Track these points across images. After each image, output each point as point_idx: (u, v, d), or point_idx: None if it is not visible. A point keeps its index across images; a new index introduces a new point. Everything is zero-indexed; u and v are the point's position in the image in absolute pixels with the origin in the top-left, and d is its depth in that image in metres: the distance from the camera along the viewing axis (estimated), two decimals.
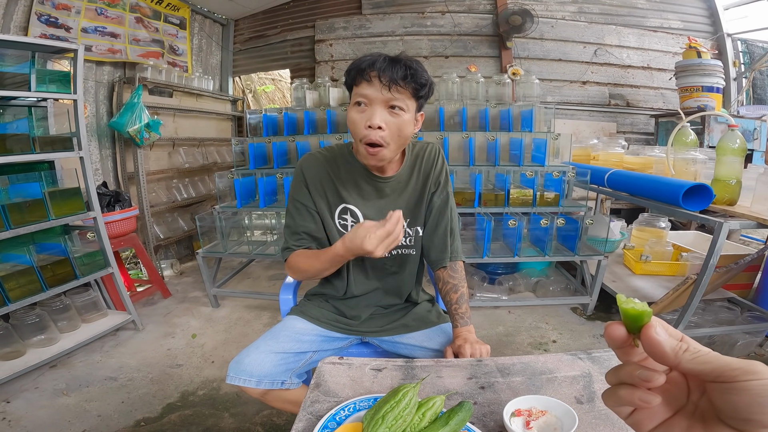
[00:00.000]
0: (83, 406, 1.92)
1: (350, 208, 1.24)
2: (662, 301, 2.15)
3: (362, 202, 1.24)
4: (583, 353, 1.04)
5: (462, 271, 1.32)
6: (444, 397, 0.76)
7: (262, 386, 1.13)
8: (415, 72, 1.06)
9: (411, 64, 1.06)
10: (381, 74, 1.03)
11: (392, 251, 1.29)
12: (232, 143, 3.12)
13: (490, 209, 2.73)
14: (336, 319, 1.35)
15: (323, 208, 1.25)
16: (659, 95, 4.59)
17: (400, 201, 1.26)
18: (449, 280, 1.28)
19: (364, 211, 1.24)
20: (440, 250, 1.30)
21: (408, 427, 0.70)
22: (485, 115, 2.95)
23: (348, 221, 1.26)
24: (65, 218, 2.22)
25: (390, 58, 1.05)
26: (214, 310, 2.96)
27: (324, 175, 1.24)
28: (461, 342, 1.13)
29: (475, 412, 0.80)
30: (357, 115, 1.08)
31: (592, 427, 0.75)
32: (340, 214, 1.25)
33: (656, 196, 2.16)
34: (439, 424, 0.70)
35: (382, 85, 1.03)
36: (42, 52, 2.13)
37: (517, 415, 0.76)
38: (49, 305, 2.33)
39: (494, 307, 2.88)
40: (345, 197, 1.23)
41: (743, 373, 0.32)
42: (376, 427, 0.67)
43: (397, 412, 0.69)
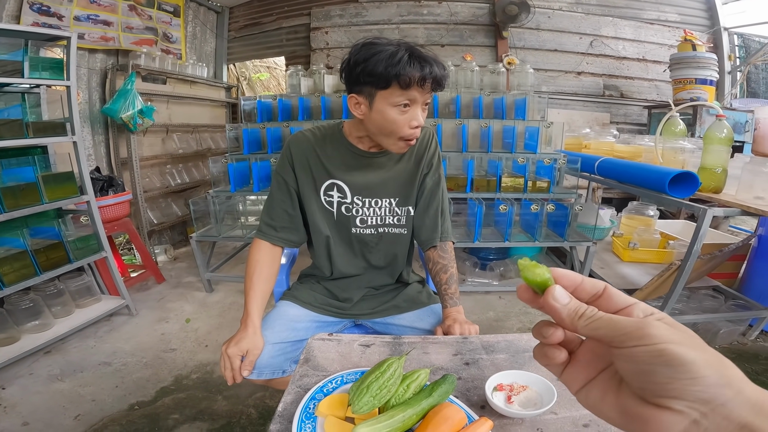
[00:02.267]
0: (77, 392, 1.94)
1: (337, 183, 1.26)
2: (647, 287, 2.19)
3: (349, 177, 1.26)
4: None
5: (452, 252, 1.34)
6: (429, 370, 0.79)
7: (263, 377, 1.15)
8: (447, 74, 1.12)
9: (445, 67, 1.12)
10: (434, 82, 1.08)
11: (379, 229, 1.32)
12: (226, 129, 3.12)
13: (482, 194, 2.77)
14: (328, 303, 1.37)
15: (307, 185, 1.26)
16: (653, 87, 4.61)
17: (387, 176, 1.27)
18: (439, 260, 1.31)
19: (351, 184, 1.26)
20: (431, 230, 1.32)
21: (392, 397, 0.73)
22: (479, 103, 2.97)
23: (334, 197, 1.27)
24: (59, 202, 2.22)
25: (436, 65, 1.08)
26: (208, 295, 2.98)
27: (311, 152, 1.25)
28: (451, 322, 1.15)
29: (458, 386, 0.83)
30: (400, 116, 1.10)
31: (570, 403, 0.78)
32: (326, 190, 1.26)
33: (644, 183, 2.19)
34: (423, 395, 0.73)
35: (429, 89, 1.09)
36: (35, 39, 2.13)
37: (499, 389, 0.79)
38: (43, 290, 2.33)
39: (485, 292, 2.92)
40: (332, 173, 1.25)
41: (629, 338, 0.31)
42: (361, 395, 0.70)
43: (381, 382, 0.71)
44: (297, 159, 1.26)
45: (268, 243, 1.28)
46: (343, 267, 1.35)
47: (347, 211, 1.28)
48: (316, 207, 1.28)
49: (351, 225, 1.30)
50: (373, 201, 1.28)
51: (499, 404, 0.74)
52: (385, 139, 1.15)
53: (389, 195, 1.29)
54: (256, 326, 1.14)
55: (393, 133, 1.12)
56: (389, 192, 1.28)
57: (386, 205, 1.29)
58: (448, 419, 0.67)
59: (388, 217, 1.31)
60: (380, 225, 1.31)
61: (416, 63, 1.03)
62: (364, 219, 1.29)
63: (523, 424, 0.74)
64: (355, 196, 1.27)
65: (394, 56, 1.03)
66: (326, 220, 1.30)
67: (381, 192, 1.28)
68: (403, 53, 1.03)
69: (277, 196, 1.28)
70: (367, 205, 1.28)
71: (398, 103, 1.08)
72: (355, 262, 1.36)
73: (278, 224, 1.28)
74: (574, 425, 0.73)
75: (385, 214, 1.30)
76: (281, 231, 1.28)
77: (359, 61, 1.06)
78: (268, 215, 1.29)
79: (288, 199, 1.28)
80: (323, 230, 1.30)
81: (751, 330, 2.38)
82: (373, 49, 1.05)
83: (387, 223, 1.31)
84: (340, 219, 1.29)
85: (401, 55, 1.03)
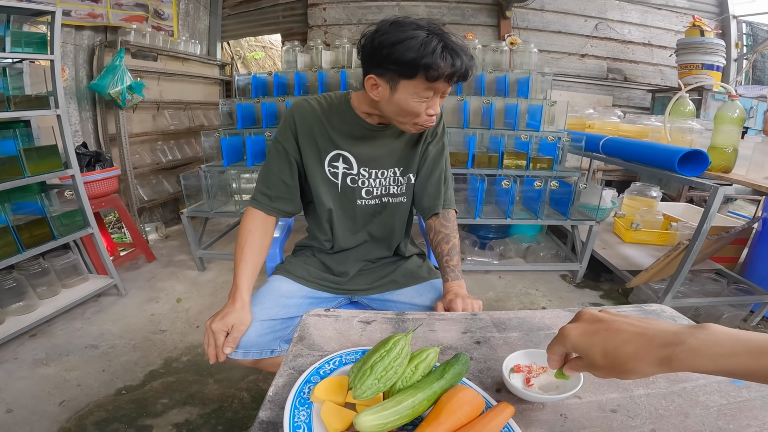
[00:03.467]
0: (63, 376, 1.86)
1: (343, 154, 1.19)
2: (652, 268, 2.14)
3: (355, 148, 1.19)
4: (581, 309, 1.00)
5: (454, 221, 1.28)
6: (438, 349, 0.71)
7: (250, 357, 1.08)
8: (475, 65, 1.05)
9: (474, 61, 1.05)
10: (462, 76, 1.01)
11: (383, 199, 1.27)
12: (219, 104, 3.01)
13: (484, 170, 2.70)
14: (323, 277, 1.31)
15: (310, 155, 1.19)
16: (658, 71, 4.54)
17: (392, 146, 1.22)
18: (441, 229, 1.25)
19: (358, 156, 1.20)
20: (433, 197, 1.27)
21: (399, 379, 0.65)
22: (481, 81, 2.88)
23: (339, 168, 1.21)
24: (42, 176, 2.11)
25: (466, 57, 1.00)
26: (200, 274, 2.90)
27: (316, 121, 1.18)
28: (452, 297, 1.08)
29: (470, 367, 0.76)
30: (419, 105, 1.03)
31: (596, 387, 0.72)
32: (331, 161, 1.20)
33: (651, 162, 2.13)
34: (434, 377, 0.65)
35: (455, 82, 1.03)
36: (18, 14, 2.04)
37: (517, 371, 0.72)
38: (27, 269, 2.23)
39: (485, 271, 2.87)
40: (338, 143, 1.18)
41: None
42: (364, 378, 0.62)
43: (387, 363, 0.63)
44: (301, 128, 1.18)
45: (262, 213, 1.20)
46: (343, 240, 1.29)
47: (353, 182, 1.22)
48: (320, 179, 1.21)
49: (356, 197, 1.24)
50: (380, 172, 1.23)
51: (518, 387, 0.67)
52: (399, 121, 1.10)
53: (393, 165, 1.24)
54: (244, 300, 1.07)
55: (408, 118, 1.07)
56: (394, 161, 1.23)
57: (391, 174, 1.24)
58: (464, 404, 0.59)
59: (392, 186, 1.26)
60: (384, 195, 1.26)
61: (448, 55, 0.96)
62: (370, 190, 1.24)
63: (545, 409, 0.67)
64: (362, 168, 1.21)
65: (426, 45, 0.94)
66: (330, 193, 1.23)
67: (387, 162, 1.23)
68: (437, 43, 0.95)
69: (276, 165, 1.21)
70: (373, 177, 1.22)
71: (422, 94, 1.01)
72: (357, 234, 1.29)
73: (274, 194, 1.20)
74: (601, 410, 0.66)
75: (390, 183, 1.25)
76: (276, 201, 1.21)
77: (385, 43, 0.96)
78: (264, 184, 1.21)
79: (287, 168, 1.20)
80: (326, 202, 1.23)
81: (752, 316, 2.35)
82: (402, 32, 0.96)
83: (391, 192, 1.26)
84: (345, 190, 1.23)
85: (434, 45, 0.94)
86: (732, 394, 0.70)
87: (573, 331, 0.56)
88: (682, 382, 0.73)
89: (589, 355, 0.54)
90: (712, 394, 0.70)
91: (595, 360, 0.53)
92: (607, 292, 2.66)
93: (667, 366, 0.47)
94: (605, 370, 0.52)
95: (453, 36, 0.99)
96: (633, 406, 0.67)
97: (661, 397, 0.69)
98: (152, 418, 1.62)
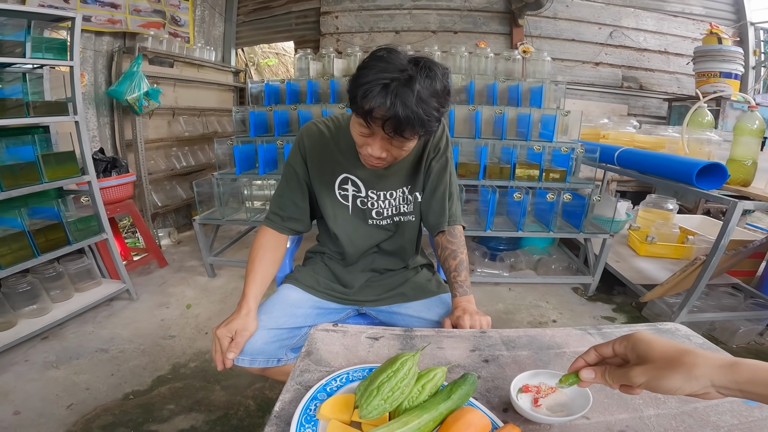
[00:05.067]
0: (72, 379, 1.88)
1: (351, 177, 1.21)
2: (668, 282, 2.10)
3: (362, 171, 1.20)
4: (592, 328, 0.99)
5: (461, 237, 1.26)
6: (445, 368, 0.70)
7: (257, 365, 1.09)
8: (428, 125, 0.93)
9: (424, 119, 0.91)
10: (385, 127, 0.92)
11: (395, 218, 1.27)
12: (233, 111, 3.03)
13: (495, 182, 2.67)
14: (331, 287, 1.31)
15: (320, 178, 1.22)
16: (674, 80, 4.47)
17: (398, 166, 1.21)
18: (447, 245, 1.23)
19: (365, 179, 1.21)
20: (438, 213, 1.25)
21: (406, 399, 0.65)
22: (493, 90, 2.86)
23: (349, 191, 1.22)
24: (59, 182, 2.15)
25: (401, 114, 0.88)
26: (210, 280, 2.92)
27: (324, 145, 1.20)
28: (460, 313, 1.07)
29: (478, 386, 0.74)
30: (360, 138, 1.01)
31: (604, 407, 0.70)
32: (341, 184, 1.22)
33: (668, 174, 2.09)
34: (441, 397, 0.65)
35: (392, 130, 0.93)
36: (39, 20, 2.07)
37: (525, 391, 0.71)
38: (42, 273, 2.26)
39: (495, 283, 2.84)
40: (346, 167, 1.20)
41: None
42: (371, 398, 0.61)
43: (394, 383, 0.63)
44: (310, 151, 1.21)
45: (274, 231, 1.24)
46: (353, 254, 1.30)
47: (362, 204, 1.24)
48: (330, 202, 1.24)
49: (367, 217, 1.25)
50: (388, 193, 1.23)
51: (526, 408, 0.66)
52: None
53: (401, 184, 1.24)
54: (250, 308, 1.08)
55: (358, 148, 1.06)
56: (401, 181, 1.23)
57: (400, 194, 1.24)
58: (470, 426, 0.59)
59: (402, 205, 1.26)
60: (395, 214, 1.27)
61: (384, 97, 0.87)
62: (380, 211, 1.25)
63: (552, 430, 0.65)
64: (370, 191, 1.22)
65: (370, 78, 0.89)
66: (341, 215, 1.25)
67: (394, 183, 1.23)
68: (384, 81, 0.88)
69: (287, 187, 1.24)
70: (381, 198, 1.23)
71: (359, 129, 0.99)
72: (368, 250, 1.31)
73: (286, 214, 1.24)
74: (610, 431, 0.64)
75: (399, 203, 1.25)
76: (288, 221, 1.25)
77: (357, 68, 0.95)
78: (277, 204, 1.25)
79: (298, 190, 1.24)
80: (337, 223, 1.26)
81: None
82: (377, 60, 0.92)
83: (402, 211, 1.27)
84: (356, 212, 1.25)
85: (378, 82, 0.88)
86: (744, 414, 0.68)
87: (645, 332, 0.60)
88: (693, 402, 0.71)
89: (650, 348, 0.56)
90: (724, 414, 0.69)
91: (652, 354, 0.56)
92: (619, 306, 2.61)
93: (733, 369, 0.51)
94: (655, 369, 0.54)
95: (424, 84, 0.89)
96: (642, 427, 0.66)
97: (671, 418, 0.68)
98: (158, 424, 1.63)
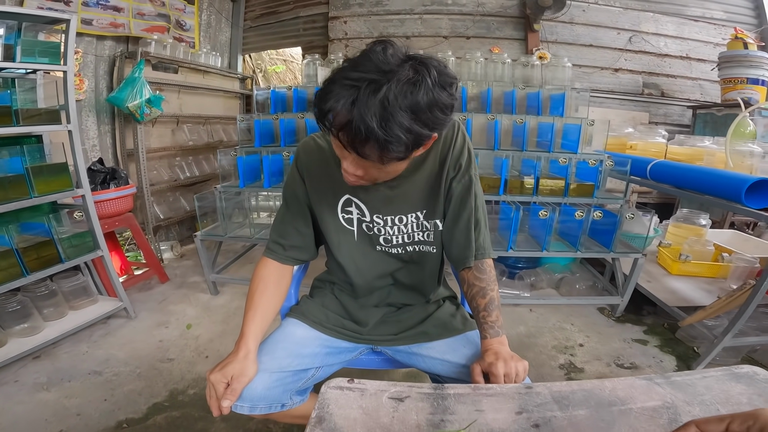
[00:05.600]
0: (63, 403, 1.75)
1: (354, 200, 1.04)
2: (712, 307, 1.94)
3: (365, 193, 1.03)
4: (659, 377, 0.82)
5: (491, 271, 1.07)
6: None
7: (257, 411, 0.95)
8: (387, 147, 0.73)
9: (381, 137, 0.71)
10: (340, 137, 0.77)
11: (408, 248, 1.09)
12: (237, 120, 2.90)
13: (516, 197, 2.48)
14: (342, 324, 1.15)
15: (321, 200, 1.06)
16: (697, 86, 4.30)
17: (409, 186, 1.03)
18: (475, 282, 1.05)
19: (369, 201, 1.04)
20: (463, 246, 1.06)
21: None
22: (512, 98, 2.70)
23: (354, 214, 1.06)
24: (49, 196, 2.01)
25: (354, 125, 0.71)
26: (212, 298, 2.77)
27: (324, 162, 1.04)
28: (492, 358, 0.90)
29: None
30: (336, 150, 0.85)
31: None
32: (344, 206, 1.05)
33: (712, 191, 1.91)
34: None
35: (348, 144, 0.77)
36: (31, 22, 1.97)
37: None
38: (33, 291, 2.13)
39: (514, 304, 2.66)
40: (348, 187, 1.01)
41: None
42: None
43: None
44: (308, 171, 1.05)
45: (276, 262, 1.08)
46: (364, 286, 1.13)
47: (368, 229, 1.07)
48: (333, 227, 1.07)
49: (375, 243, 1.08)
50: (397, 218, 1.05)
51: None
52: None
53: (415, 208, 1.05)
54: (249, 349, 0.93)
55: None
56: (414, 205, 1.05)
57: (413, 220, 1.06)
58: None
59: (417, 233, 1.07)
60: (408, 243, 1.08)
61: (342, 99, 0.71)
62: (389, 238, 1.07)
63: None
64: (375, 215, 1.04)
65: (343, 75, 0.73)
66: (346, 241, 1.08)
67: (404, 206, 1.04)
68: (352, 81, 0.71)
69: (288, 213, 1.09)
70: (389, 224, 1.05)
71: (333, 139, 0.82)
72: (380, 279, 1.13)
73: (288, 243, 1.08)
74: None
75: (413, 230, 1.07)
76: (290, 250, 1.09)
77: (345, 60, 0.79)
78: (277, 233, 1.09)
79: (300, 215, 1.08)
80: (342, 251, 1.09)
81: None
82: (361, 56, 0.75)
83: (416, 240, 1.08)
84: (362, 238, 1.08)
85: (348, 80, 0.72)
86: None
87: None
88: None
89: None
90: None
91: None
92: (651, 327, 2.43)
93: None
94: None
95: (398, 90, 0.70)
96: None
97: None
98: None
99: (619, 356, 2.14)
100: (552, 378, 1.95)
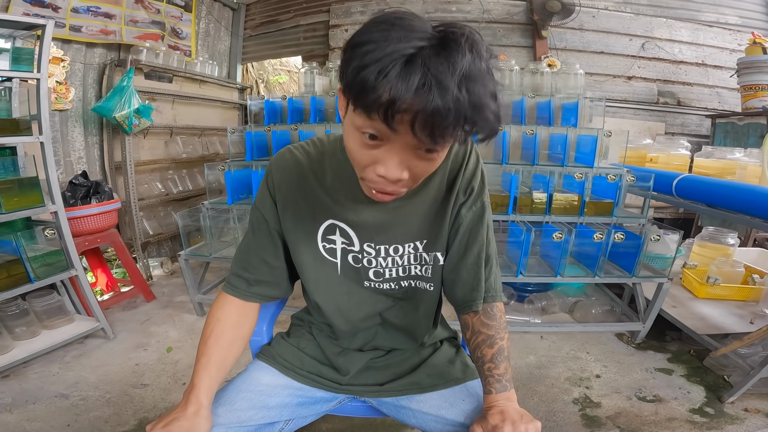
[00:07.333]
0: (23, 426, 1.65)
1: (339, 225, 0.85)
2: (750, 337, 1.76)
3: (355, 216, 0.84)
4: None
5: (502, 317, 0.87)
6: None
7: None
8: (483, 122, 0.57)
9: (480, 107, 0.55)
10: (416, 126, 0.55)
11: (402, 282, 0.90)
12: (227, 131, 2.74)
13: (526, 217, 2.27)
14: (319, 370, 0.96)
15: (296, 228, 0.87)
16: (715, 94, 4.11)
17: (409, 210, 0.84)
18: (482, 329, 0.84)
19: (359, 227, 0.85)
20: (470, 286, 0.86)
21: None
22: (521, 107, 2.51)
23: (338, 244, 0.86)
24: (18, 212, 1.87)
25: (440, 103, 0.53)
26: (198, 319, 2.59)
27: (302, 179, 0.85)
28: (498, 420, 0.72)
29: None
30: (362, 149, 0.64)
31: None
32: (326, 234, 0.86)
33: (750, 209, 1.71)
34: None
35: (423, 133, 0.56)
36: (6, 28, 1.90)
37: None
38: (4, 310, 2.01)
39: (523, 331, 2.43)
40: (332, 210, 0.84)
41: None
42: None
43: None
44: (281, 190, 0.85)
45: (237, 299, 0.88)
46: (346, 330, 0.94)
47: (356, 261, 0.87)
48: (311, 259, 0.88)
49: (363, 278, 0.89)
50: (392, 248, 0.86)
51: None
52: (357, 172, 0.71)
53: (414, 237, 0.86)
54: (200, 403, 0.75)
55: (356, 168, 0.69)
56: (414, 233, 0.86)
57: (410, 251, 0.87)
58: None
59: (414, 266, 0.89)
60: (403, 278, 0.89)
61: (412, 75, 0.52)
62: (380, 272, 0.88)
63: None
64: (365, 244, 0.85)
65: (390, 49, 0.53)
66: (326, 278, 0.89)
67: (402, 234, 0.85)
68: (409, 51, 0.53)
69: (254, 240, 0.89)
70: (382, 254, 0.86)
71: (361, 129, 0.61)
72: (365, 321, 0.94)
73: (253, 277, 0.89)
74: None
75: (409, 262, 0.88)
76: (256, 285, 0.89)
77: (350, 44, 0.57)
78: (240, 265, 0.90)
79: (269, 243, 0.88)
80: (321, 289, 0.90)
81: None
82: (387, 26, 0.55)
83: (413, 274, 0.89)
84: (347, 272, 0.89)
85: (401, 52, 0.53)
86: None
87: None
88: None
89: None
90: None
91: None
92: (675, 355, 2.20)
93: None
94: None
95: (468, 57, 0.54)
96: None
97: None
98: None
99: (641, 388, 1.94)
100: (565, 415, 1.75)
